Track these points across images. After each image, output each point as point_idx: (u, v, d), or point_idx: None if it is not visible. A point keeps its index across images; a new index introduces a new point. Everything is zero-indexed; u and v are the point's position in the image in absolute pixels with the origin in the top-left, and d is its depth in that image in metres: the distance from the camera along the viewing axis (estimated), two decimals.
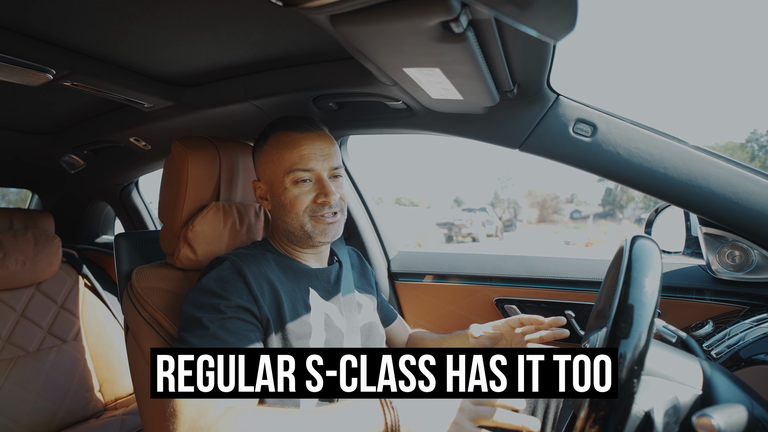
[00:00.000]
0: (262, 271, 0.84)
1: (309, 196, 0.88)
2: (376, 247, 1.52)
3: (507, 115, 1.01)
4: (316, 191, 0.88)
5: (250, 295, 0.79)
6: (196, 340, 0.72)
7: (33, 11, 0.76)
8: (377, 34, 0.63)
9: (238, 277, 0.81)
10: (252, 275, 0.81)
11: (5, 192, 15.35)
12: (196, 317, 0.75)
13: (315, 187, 0.88)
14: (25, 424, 1.39)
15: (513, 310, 1.34)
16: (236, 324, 0.75)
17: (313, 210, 0.88)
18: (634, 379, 0.48)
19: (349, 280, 1.00)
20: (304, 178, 0.87)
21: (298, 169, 0.87)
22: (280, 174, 0.88)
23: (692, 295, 1.09)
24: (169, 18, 0.78)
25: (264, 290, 0.82)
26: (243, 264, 0.83)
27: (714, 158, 0.88)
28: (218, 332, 0.73)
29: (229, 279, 0.80)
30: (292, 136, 0.88)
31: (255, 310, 0.79)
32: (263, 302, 0.80)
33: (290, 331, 0.81)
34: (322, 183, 0.88)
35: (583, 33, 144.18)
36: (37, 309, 1.55)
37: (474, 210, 23.54)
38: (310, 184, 0.88)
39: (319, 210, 0.88)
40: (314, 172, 0.88)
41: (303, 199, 0.88)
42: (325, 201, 0.87)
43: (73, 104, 1.27)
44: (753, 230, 0.87)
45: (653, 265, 0.56)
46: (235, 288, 0.79)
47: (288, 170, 0.87)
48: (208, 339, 0.72)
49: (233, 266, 0.82)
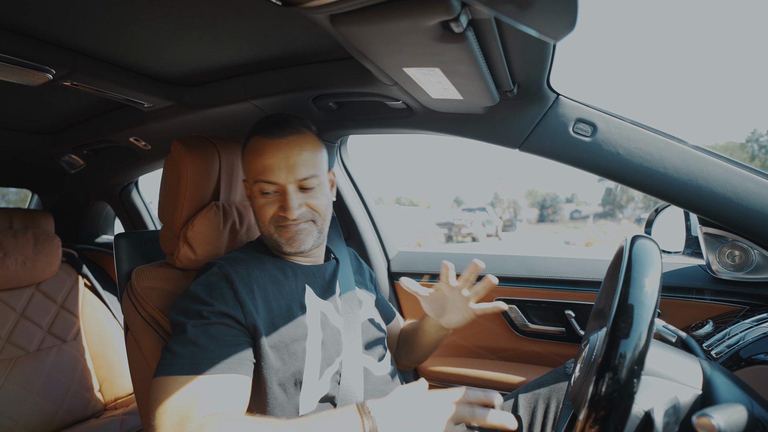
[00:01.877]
0: (252, 275, 0.83)
1: (273, 206, 0.86)
2: (376, 247, 1.52)
3: (507, 115, 1.01)
4: (280, 202, 0.86)
5: (236, 301, 0.79)
6: (177, 347, 0.72)
7: (33, 11, 0.76)
8: (377, 34, 0.63)
9: (225, 283, 0.80)
10: (240, 280, 0.81)
11: (5, 192, 15.35)
12: (181, 322, 0.76)
13: (279, 198, 0.86)
14: (25, 424, 1.39)
15: (513, 310, 1.34)
16: (219, 329, 0.75)
17: (277, 221, 0.87)
18: (634, 379, 0.48)
19: (348, 276, 1.00)
20: (267, 190, 0.86)
21: (261, 181, 0.85)
22: (250, 181, 0.89)
23: (692, 295, 1.09)
24: (169, 18, 0.78)
25: (254, 295, 0.81)
26: (231, 269, 0.82)
27: (714, 158, 0.88)
28: (199, 338, 0.73)
29: (215, 285, 0.80)
30: (260, 143, 0.86)
31: (240, 316, 0.78)
32: (251, 307, 0.79)
33: (284, 335, 0.81)
34: (285, 197, 0.85)
35: (583, 33, 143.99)
36: (37, 309, 1.55)
37: (473, 210, 23.57)
38: (276, 195, 0.86)
39: (282, 221, 0.87)
40: (277, 185, 0.85)
41: (267, 210, 0.87)
42: (283, 215, 0.85)
43: (73, 104, 1.27)
44: (753, 230, 0.87)
45: (653, 264, 0.56)
46: (220, 294, 0.79)
47: (254, 179, 0.86)
48: (188, 345, 0.72)
49: (221, 272, 0.82)
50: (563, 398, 0.94)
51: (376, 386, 0.89)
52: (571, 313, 1.25)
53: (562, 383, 0.97)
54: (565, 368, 1.00)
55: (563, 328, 1.29)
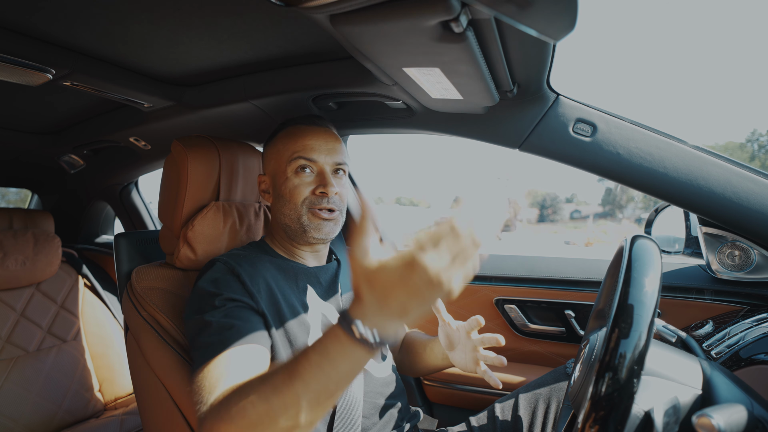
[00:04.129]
0: (257, 270, 0.84)
1: (308, 188, 0.88)
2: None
3: (507, 115, 1.01)
4: (317, 183, 0.88)
5: (245, 291, 0.79)
6: (207, 338, 0.72)
7: (33, 11, 0.76)
8: (377, 34, 0.63)
9: (232, 276, 0.80)
10: (246, 274, 0.81)
11: (5, 192, 15.35)
12: (200, 319, 0.75)
13: (316, 179, 0.89)
14: (25, 424, 1.39)
15: (513, 310, 1.34)
16: (237, 311, 0.75)
17: (311, 202, 0.88)
18: (634, 379, 0.48)
19: (349, 277, 1.00)
20: (304, 165, 0.88)
21: (301, 157, 0.88)
22: (283, 163, 0.89)
23: (692, 294, 1.09)
24: (169, 18, 0.78)
25: (260, 288, 0.81)
26: (236, 264, 0.82)
27: (714, 158, 0.88)
28: (222, 322, 0.73)
29: (222, 279, 0.80)
30: (298, 129, 0.92)
31: (252, 303, 0.78)
32: (259, 299, 0.80)
33: (289, 330, 0.81)
34: (323, 175, 0.89)
35: (583, 33, 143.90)
36: (37, 309, 1.55)
37: None
38: (311, 176, 0.89)
39: (317, 203, 0.88)
40: (317, 164, 0.89)
41: (302, 190, 0.88)
42: (323, 192, 0.87)
43: (73, 104, 1.27)
44: (753, 230, 0.87)
45: (653, 264, 0.56)
46: (229, 286, 0.79)
47: (290, 158, 0.88)
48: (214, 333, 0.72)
49: (226, 267, 0.82)
50: (563, 398, 0.94)
51: (375, 388, 0.89)
52: (571, 313, 1.25)
53: (562, 383, 0.97)
54: (565, 368, 1.00)
55: (563, 328, 1.29)
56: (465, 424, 1.02)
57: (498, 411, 0.99)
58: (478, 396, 1.35)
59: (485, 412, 1.02)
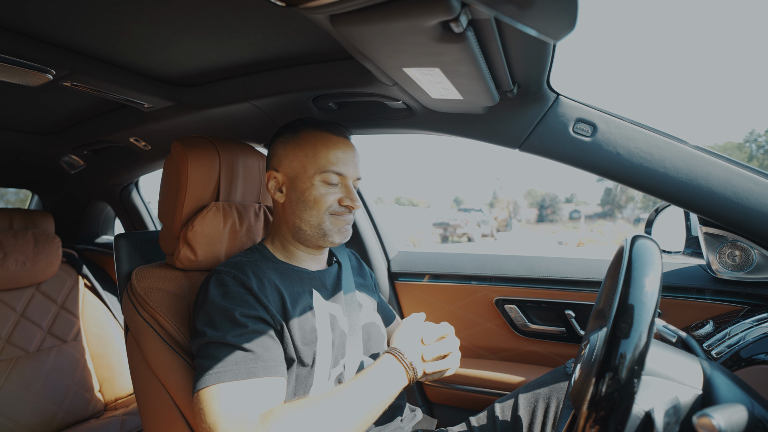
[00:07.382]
0: (263, 279, 0.84)
1: (334, 197, 0.91)
2: (376, 247, 1.52)
3: (507, 115, 1.01)
4: (343, 194, 0.91)
5: (259, 305, 0.80)
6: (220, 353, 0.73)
7: (33, 11, 0.76)
8: (377, 34, 0.63)
9: (243, 289, 0.80)
10: (255, 285, 0.81)
11: (4, 192, 15.33)
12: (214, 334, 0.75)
13: (342, 190, 0.92)
14: (25, 424, 1.39)
15: (513, 310, 1.34)
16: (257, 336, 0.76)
17: (335, 210, 0.91)
18: (634, 379, 0.48)
19: (349, 279, 1.00)
20: (334, 181, 0.90)
21: (332, 171, 0.89)
22: (311, 170, 0.90)
23: (692, 294, 1.09)
24: (169, 18, 0.78)
25: (269, 296, 0.82)
26: (244, 276, 0.82)
27: (714, 158, 0.88)
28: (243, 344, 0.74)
29: (235, 293, 0.80)
30: (329, 137, 0.92)
31: (267, 317, 0.79)
32: (271, 307, 0.80)
33: (297, 338, 0.81)
34: (349, 189, 0.92)
35: (583, 33, 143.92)
36: (37, 309, 1.55)
37: (470, 210, 23.68)
38: (337, 188, 0.91)
39: (339, 211, 0.91)
40: (344, 177, 0.91)
41: (328, 199, 0.90)
42: (350, 206, 0.91)
43: (73, 104, 1.27)
44: (753, 230, 0.87)
45: (653, 264, 0.56)
46: (243, 300, 0.79)
47: (322, 169, 0.89)
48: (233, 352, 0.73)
49: (236, 280, 0.81)
50: (563, 398, 0.94)
51: None
52: (571, 313, 1.25)
53: (562, 383, 0.97)
54: (565, 368, 1.00)
55: (563, 328, 1.29)
56: (465, 424, 1.02)
57: (498, 411, 1.00)
58: (478, 396, 1.35)
59: (485, 412, 1.02)
